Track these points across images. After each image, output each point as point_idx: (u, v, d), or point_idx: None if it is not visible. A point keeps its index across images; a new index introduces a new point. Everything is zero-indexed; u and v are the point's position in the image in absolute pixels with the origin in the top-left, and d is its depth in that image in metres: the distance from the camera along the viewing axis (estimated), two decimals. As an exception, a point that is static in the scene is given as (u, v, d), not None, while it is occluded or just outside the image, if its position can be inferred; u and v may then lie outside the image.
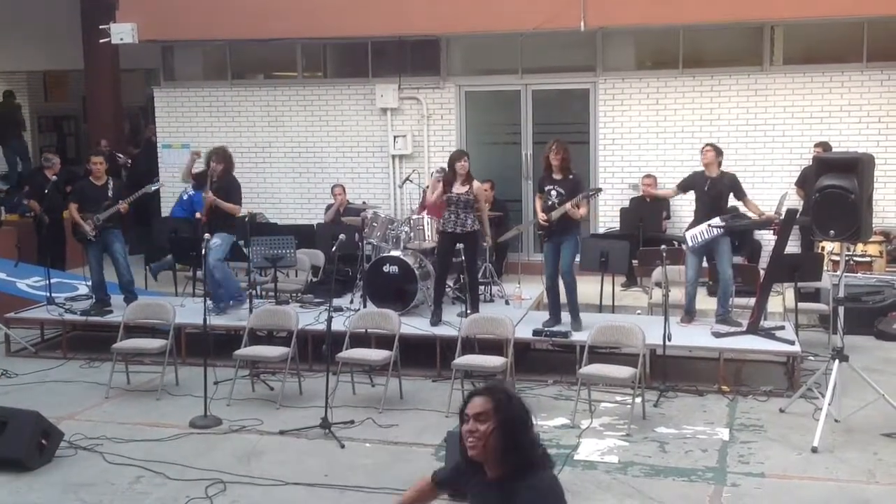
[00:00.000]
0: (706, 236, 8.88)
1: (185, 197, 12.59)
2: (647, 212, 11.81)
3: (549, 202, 8.76)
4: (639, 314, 9.84)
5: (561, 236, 8.83)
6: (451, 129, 13.05)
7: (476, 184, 9.42)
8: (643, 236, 11.26)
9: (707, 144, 9.28)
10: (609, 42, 12.54)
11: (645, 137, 12.38)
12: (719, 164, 9.10)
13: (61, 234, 12.35)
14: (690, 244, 8.93)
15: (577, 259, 9.10)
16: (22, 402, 7.61)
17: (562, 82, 12.86)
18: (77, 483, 6.49)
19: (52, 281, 10.47)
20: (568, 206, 8.59)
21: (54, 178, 11.99)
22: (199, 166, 10.28)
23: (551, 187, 8.78)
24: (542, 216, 8.81)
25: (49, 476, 6.66)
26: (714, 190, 8.94)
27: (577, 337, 8.58)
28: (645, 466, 6.66)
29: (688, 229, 9.09)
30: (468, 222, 9.26)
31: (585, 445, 7.07)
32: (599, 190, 9.20)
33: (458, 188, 9.27)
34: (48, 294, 10.32)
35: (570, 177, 8.80)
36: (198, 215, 9.98)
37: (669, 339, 8.04)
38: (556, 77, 12.84)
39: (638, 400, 7.58)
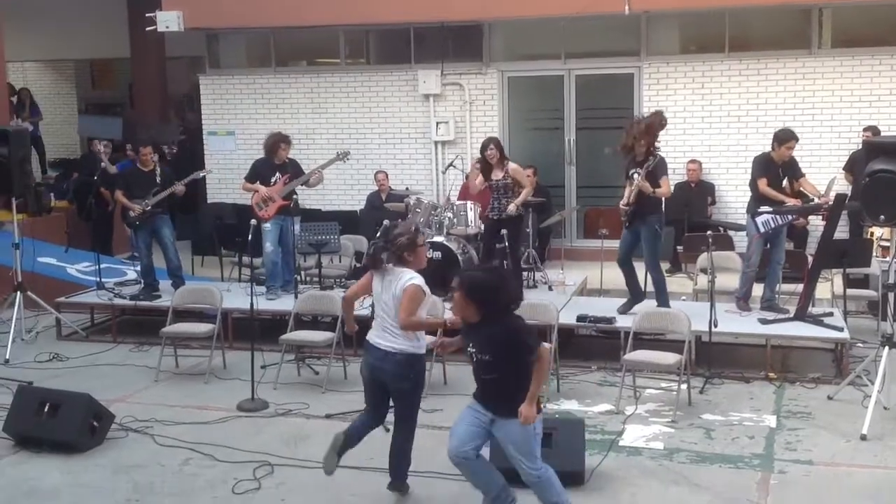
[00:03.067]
0: (779, 222, 8.75)
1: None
2: (692, 197, 11.71)
3: (633, 186, 8.62)
4: (684, 300, 9.77)
5: (639, 223, 8.69)
6: (494, 115, 13.02)
7: (511, 165, 9.48)
8: (688, 222, 11.17)
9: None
10: (653, 26, 12.42)
11: (690, 122, 12.26)
12: None
13: (109, 221, 12.52)
14: (763, 230, 8.78)
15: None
16: (73, 386, 7.76)
17: (605, 67, 12.77)
18: (128, 465, 6.60)
19: (102, 266, 10.64)
20: (637, 180, 8.42)
21: (104, 165, 12.18)
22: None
23: (634, 170, 8.63)
24: (622, 203, 8.73)
25: (100, 458, 6.78)
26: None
27: (621, 323, 8.55)
28: (691, 453, 6.63)
29: (757, 215, 8.84)
30: (509, 207, 9.32)
31: (630, 432, 7.05)
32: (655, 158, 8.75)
33: (496, 174, 9.33)
34: (98, 279, 10.50)
35: (653, 157, 8.63)
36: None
37: (716, 326, 7.98)
38: (599, 62, 12.75)
39: (683, 387, 7.53)
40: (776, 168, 8.80)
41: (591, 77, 12.82)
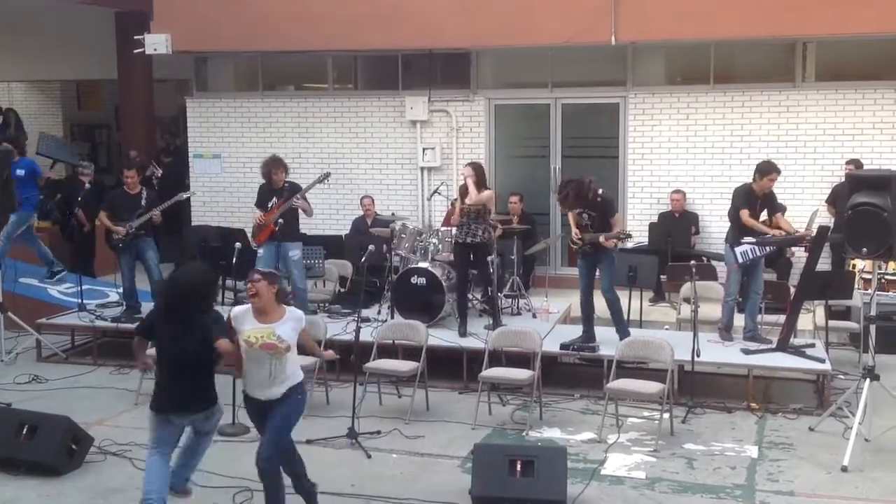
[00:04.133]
0: (757, 253, 8.82)
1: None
2: (675, 227, 11.76)
3: (584, 223, 8.72)
4: (667, 329, 9.79)
5: (596, 257, 8.78)
6: (480, 142, 13.07)
7: (486, 192, 9.42)
8: (672, 251, 11.22)
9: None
10: (639, 56, 12.52)
11: (675, 152, 12.33)
12: None
13: (92, 242, 12.43)
14: (741, 260, 8.84)
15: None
16: (52, 408, 7.69)
17: (591, 96, 12.85)
18: (106, 488, 6.55)
19: (84, 287, 10.57)
20: (601, 238, 8.53)
21: (89, 185, 12.11)
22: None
23: (582, 210, 8.69)
24: (576, 232, 8.76)
25: (79, 481, 6.73)
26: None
27: (604, 351, 8.55)
28: (673, 483, 6.62)
29: (737, 245, 8.92)
30: (478, 233, 9.31)
31: (612, 460, 7.05)
32: (629, 235, 9.09)
33: (469, 199, 9.34)
34: (80, 301, 10.42)
35: (599, 199, 8.66)
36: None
37: (698, 355, 8.00)
38: (585, 91, 12.82)
39: (666, 416, 7.54)
40: (756, 200, 8.88)
41: (578, 106, 12.90)
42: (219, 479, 6.64)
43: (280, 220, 9.78)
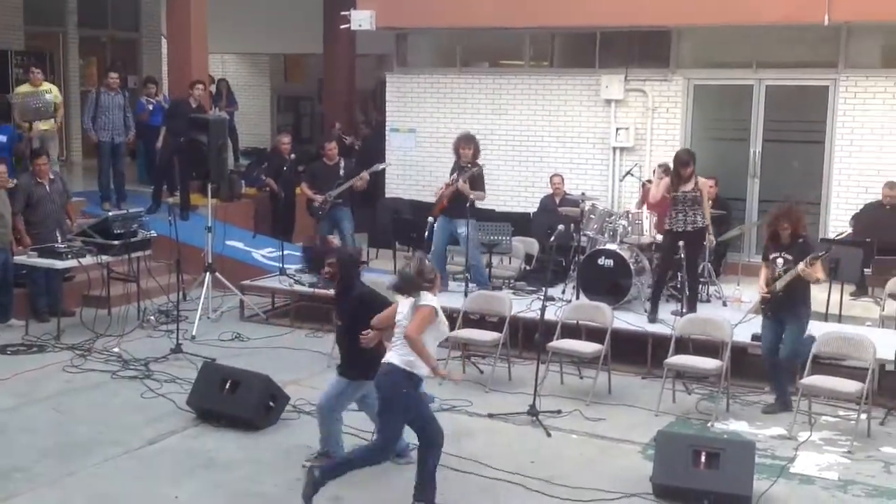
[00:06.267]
0: None
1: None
2: (884, 218, 11.05)
3: (776, 272, 7.69)
4: (868, 326, 9.26)
5: (785, 312, 7.68)
6: (676, 123, 12.73)
7: (701, 180, 9.26)
8: (879, 244, 10.56)
9: None
10: (854, 37, 11.81)
11: (888, 140, 11.58)
12: None
13: (293, 209, 13.02)
14: None
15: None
16: (252, 366, 8.13)
17: (799, 78, 12.24)
18: (300, 445, 6.88)
19: (285, 252, 11.11)
20: (799, 267, 7.48)
21: (292, 156, 12.65)
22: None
23: (777, 255, 7.74)
24: (762, 288, 7.79)
25: (274, 436, 7.12)
26: None
27: (799, 346, 8.17)
28: (867, 486, 6.32)
29: None
30: (697, 220, 9.12)
31: (803, 459, 6.79)
32: (825, 255, 7.76)
33: (685, 186, 9.14)
34: (281, 265, 10.96)
35: (800, 241, 7.72)
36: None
37: (902, 356, 7.52)
38: (792, 73, 12.23)
39: (863, 416, 7.17)
40: None
41: (783, 88, 12.32)
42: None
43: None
